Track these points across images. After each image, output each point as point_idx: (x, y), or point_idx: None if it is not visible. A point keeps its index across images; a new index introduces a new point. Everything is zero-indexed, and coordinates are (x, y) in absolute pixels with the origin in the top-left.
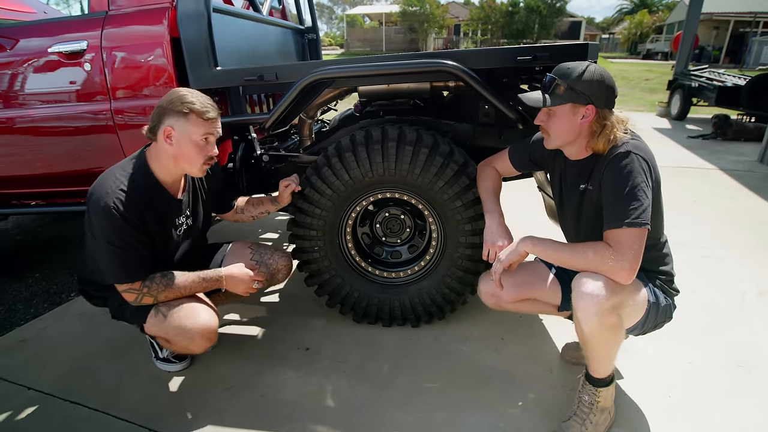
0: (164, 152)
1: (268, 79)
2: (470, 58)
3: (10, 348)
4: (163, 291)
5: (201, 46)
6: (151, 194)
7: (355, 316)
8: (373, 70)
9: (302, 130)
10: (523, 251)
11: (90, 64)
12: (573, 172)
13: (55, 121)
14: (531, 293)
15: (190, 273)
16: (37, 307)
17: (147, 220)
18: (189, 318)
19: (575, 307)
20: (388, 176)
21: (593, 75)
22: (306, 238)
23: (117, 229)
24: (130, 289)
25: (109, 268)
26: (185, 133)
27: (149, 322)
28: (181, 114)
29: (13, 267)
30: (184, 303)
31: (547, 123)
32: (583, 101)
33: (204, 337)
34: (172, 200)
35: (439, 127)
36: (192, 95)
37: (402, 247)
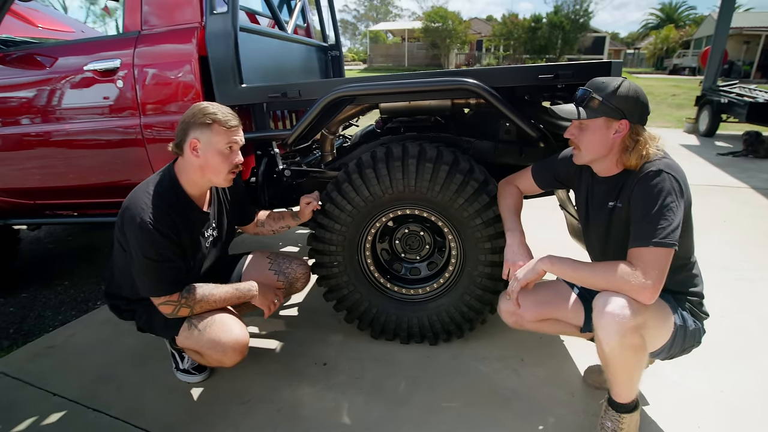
0: (191, 165)
1: (292, 96)
2: (491, 77)
3: (38, 354)
4: (200, 303)
5: (227, 64)
6: (181, 207)
7: (372, 332)
8: (394, 87)
9: (324, 146)
10: (540, 270)
11: (122, 81)
12: (601, 189)
13: (88, 135)
14: (552, 313)
15: (223, 285)
16: (65, 314)
17: (180, 232)
18: (223, 332)
19: (596, 326)
20: (408, 193)
21: (628, 90)
22: (325, 253)
23: (153, 243)
24: (168, 301)
25: (145, 282)
26: (210, 144)
27: (182, 335)
28: (205, 125)
29: (44, 275)
30: (216, 316)
31: (579, 137)
32: (617, 116)
33: (236, 351)
34: (200, 212)
35: (460, 144)
36: (213, 107)
37: (421, 264)
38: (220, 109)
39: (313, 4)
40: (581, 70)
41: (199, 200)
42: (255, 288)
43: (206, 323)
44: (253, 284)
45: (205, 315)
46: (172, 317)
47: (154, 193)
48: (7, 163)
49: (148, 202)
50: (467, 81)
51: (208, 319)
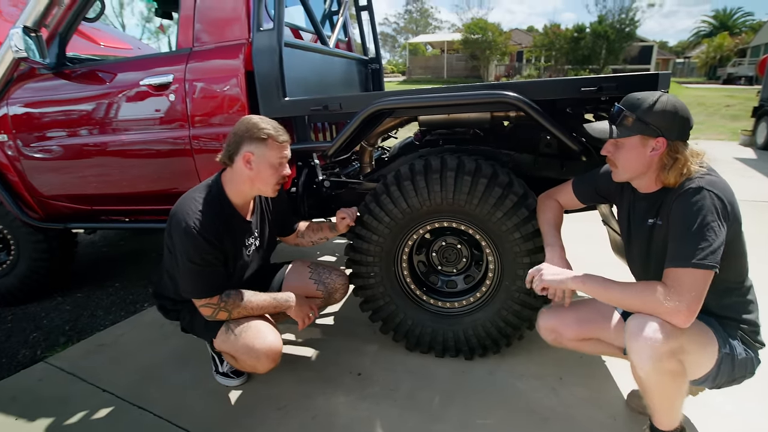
0: (241, 176)
1: (333, 109)
2: (532, 90)
3: (90, 351)
4: (238, 308)
5: (272, 78)
6: (225, 215)
7: (407, 343)
8: (433, 101)
9: (363, 158)
10: (569, 287)
11: (174, 95)
12: (642, 206)
13: (141, 146)
14: (594, 332)
15: (262, 293)
16: (115, 314)
17: (223, 239)
18: (257, 338)
19: (629, 350)
20: (446, 206)
21: (665, 106)
22: (362, 264)
23: (197, 248)
24: (208, 303)
25: (189, 284)
26: (263, 157)
27: (219, 338)
28: (260, 140)
29: (97, 276)
30: (252, 322)
31: (615, 154)
32: (653, 133)
33: (269, 358)
34: (243, 221)
35: (499, 157)
36: (264, 122)
37: (458, 277)
38: (272, 124)
39: (355, 19)
40: (626, 83)
41: (243, 209)
42: (292, 299)
43: (242, 329)
44: (290, 295)
45: (241, 320)
46: (211, 320)
47: (201, 201)
48: (70, 171)
49: (194, 208)
50: (507, 94)
51: (244, 324)
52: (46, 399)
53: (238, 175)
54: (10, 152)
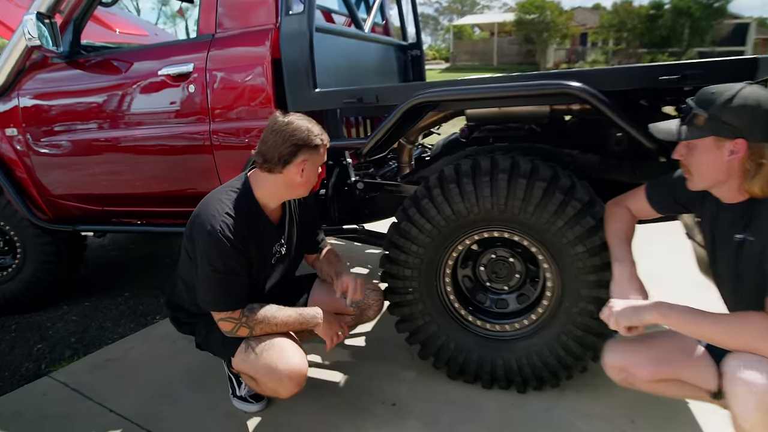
0: (286, 182)
1: (368, 102)
2: (600, 79)
3: (96, 366)
4: (260, 323)
5: (302, 67)
6: (253, 219)
7: (450, 371)
8: (483, 92)
9: (402, 157)
10: (647, 321)
11: (194, 86)
12: (727, 218)
13: (156, 141)
14: (674, 373)
15: (287, 308)
16: (124, 327)
17: (249, 244)
18: (280, 358)
19: (729, 397)
20: (497, 213)
21: (745, 100)
22: (400, 278)
23: (221, 252)
24: (229, 317)
25: (209, 293)
26: (314, 163)
27: (238, 356)
28: (314, 147)
29: (106, 283)
30: (275, 340)
31: (687, 158)
32: (730, 134)
33: (293, 381)
34: (271, 227)
35: (560, 157)
36: (312, 124)
37: (509, 296)
38: (317, 127)
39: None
40: (715, 70)
41: (273, 214)
42: (320, 316)
43: (264, 347)
44: (318, 311)
45: (263, 338)
46: (230, 335)
47: (228, 202)
48: (82, 168)
49: (220, 210)
50: (571, 84)
51: (267, 342)
52: (50, 416)
53: (282, 181)
54: (20, 147)
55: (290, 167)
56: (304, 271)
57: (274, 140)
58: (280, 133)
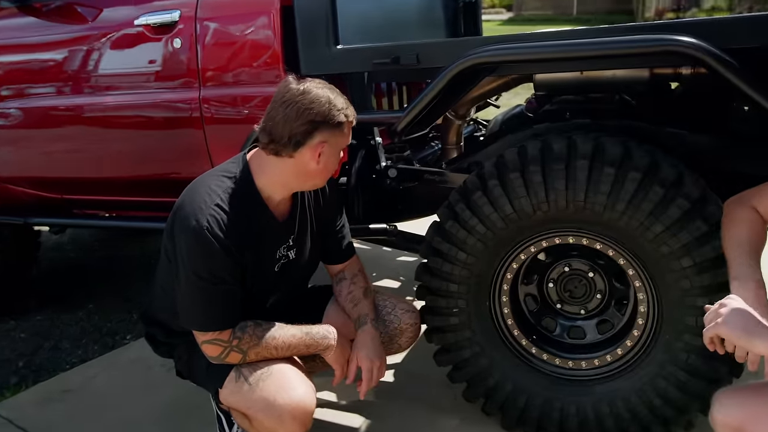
0: (298, 168)
1: (406, 63)
2: (722, 31)
3: (50, 398)
4: (256, 347)
5: (319, 16)
6: (252, 214)
7: (505, 420)
8: (558, 51)
9: (447, 135)
10: (760, 351)
11: (180, 40)
12: None
13: (131, 111)
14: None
15: (290, 326)
16: (86, 348)
17: (245, 247)
18: (281, 390)
19: None
20: (573, 212)
21: None
22: (442, 294)
23: (208, 256)
24: (217, 339)
25: (191, 309)
26: (335, 146)
27: (227, 388)
28: (337, 125)
29: (64, 292)
30: (275, 367)
31: None
32: None
33: (296, 420)
34: (275, 223)
35: (662, 138)
36: (336, 96)
37: (587, 323)
38: (342, 98)
39: None
40: None
41: (279, 208)
42: (333, 336)
43: (260, 375)
44: (331, 330)
45: (260, 364)
46: (218, 362)
47: (220, 192)
48: (35, 144)
49: (209, 201)
50: (681, 40)
51: (264, 370)
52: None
53: (293, 167)
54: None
55: (304, 150)
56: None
57: (284, 114)
58: (293, 105)
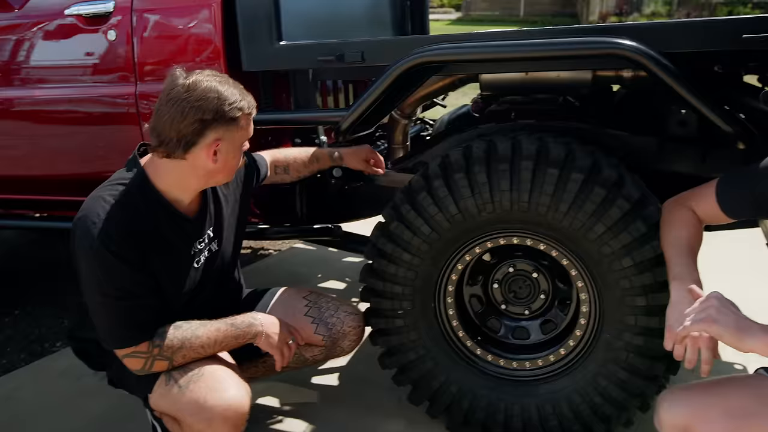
0: (195, 170)
1: (351, 61)
2: (662, 36)
3: None
4: (180, 350)
5: (262, 10)
6: (155, 220)
7: (450, 422)
8: (504, 51)
9: (393, 135)
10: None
11: (115, 32)
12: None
13: (63, 106)
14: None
15: (213, 321)
16: (11, 357)
17: (149, 256)
18: (211, 391)
19: None
20: (518, 213)
21: None
22: (387, 296)
23: (109, 272)
24: (135, 353)
25: (103, 326)
26: (233, 142)
27: (157, 391)
28: (231, 121)
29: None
30: (206, 368)
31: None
32: None
33: (228, 422)
34: (185, 222)
35: (603, 140)
36: (227, 88)
37: (531, 323)
38: (238, 90)
39: None
40: None
41: (186, 206)
42: (259, 322)
43: (191, 377)
44: (255, 317)
45: (191, 366)
46: (144, 374)
47: (114, 202)
48: None
49: (102, 214)
50: (622, 43)
51: (195, 371)
52: None
53: (189, 168)
54: None
55: (197, 150)
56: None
57: (170, 114)
58: (179, 104)
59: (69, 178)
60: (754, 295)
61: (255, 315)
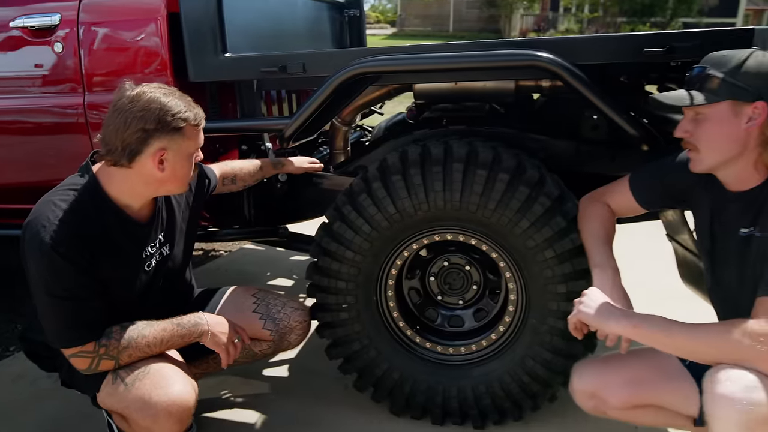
0: (142, 178)
1: (293, 71)
2: (575, 50)
3: None
4: (126, 349)
5: (207, 24)
6: (106, 224)
7: (393, 406)
8: (436, 63)
9: (335, 141)
10: (610, 330)
11: (62, 44)
12: (732, 210)
13: (12, 116)
14: (651, 397)
15: (159, 321)
16: None
17: (99, 260)
18: (156, 387)
19: (709, 417)
20: (451, 211)
21: (761, 62)
22: (331, 291)
23: (57, 273)
24: (82, 352)
25: (51, 327)
26: (180, 151)
27: (104, 390)
28: (176, 130)
29: None
30: (152, 366)
31: (695, 133)
32: (749, 97)
33: (172, 416)
34: (137, 228)
35: (526, 143)
36: (171, 99)
37: (465, 312)
38: (184, 102)
39: None
40: (709, 40)
41: (138, 212)
42: (204, 322)
43: (137, 375)
44: (201, 317)
45: (137, 364)
46: (90, 373)
47: (64, 207)
48: None
49: (52, 218)
50: (540, 55)
51: (142, 369)
52: None
53: (136, 177)
54: None
55: (142, 159)
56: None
57: (114, 123)
58: (123, 114)
59: (19, 187)
60: (640, 278)
61: (201, 315)
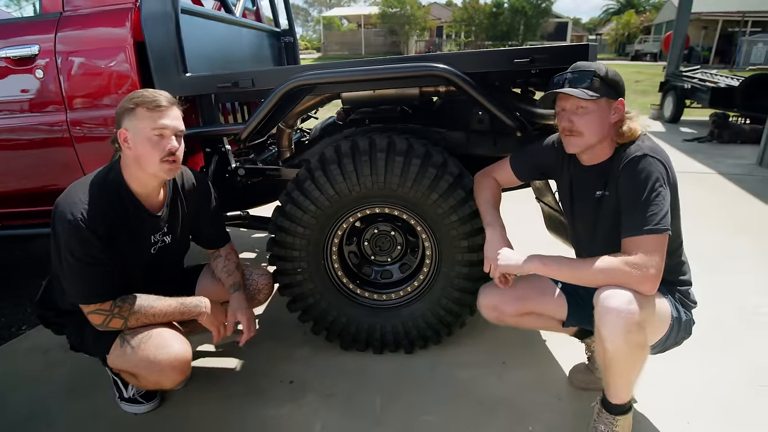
0: (127, 158)
1: (244, 86)
2: (463, 62)
3: None
4: (135, 314)
5: (168, 50)
6: (124, 206)
7: (342, 343)
8: (358, 75)
9: (281, 141)
10: (528, 271)
11: (42, 71)
12: (586, 179)
13: (5, 134)
14: (534, 307)
15: (167, 298)
16: None
17: (117, 233)
18: (159, 348)
19: (599, 325)
20: (377, 190)
21: (615, 71)
22: (288, 259)
23: (83, 242)
24: (99, 309)
25: (75, 286)
26: (137, 131)
27: (113, 353)
28: (129, 111)
29: None
30: (153, 331)
31: (578, 122)
32: (615, 95)
33: (176, 369)
34: (147, 215)
35: (431, 135)
36: (145, 91)
37: (393, 267)
38: (151, 92)
39: None
40: (559, 54)
41: (149, 200)
42: (204, 305)
43: (141, 339)
44: (202, 300)
45: (140, 330)
46: (102, 329)
47: (93, 188)
48: None
49: (83, 197)
50: (438, 66)
51: (144, 334)
52: None
53: (125, 158)
54: None
55: (119, 141)
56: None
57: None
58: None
59: (16, 193)
60: (523, 230)
61: (201, 299)
